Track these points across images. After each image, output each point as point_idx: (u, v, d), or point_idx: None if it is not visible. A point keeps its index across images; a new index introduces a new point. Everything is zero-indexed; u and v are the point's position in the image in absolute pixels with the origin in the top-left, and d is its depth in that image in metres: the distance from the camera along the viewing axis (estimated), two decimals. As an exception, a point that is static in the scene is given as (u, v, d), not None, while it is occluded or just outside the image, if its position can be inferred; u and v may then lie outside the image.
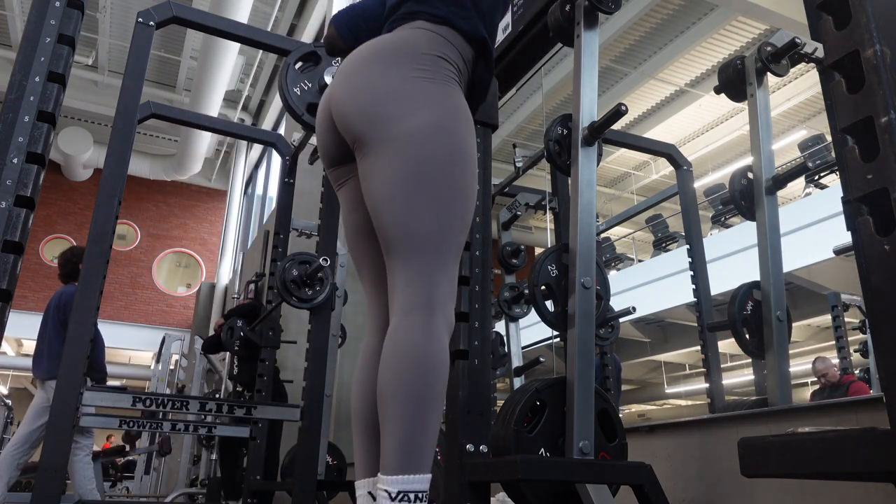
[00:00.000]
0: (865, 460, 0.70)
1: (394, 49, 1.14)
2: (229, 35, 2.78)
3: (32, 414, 3.89)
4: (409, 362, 1.01)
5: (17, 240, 1.32)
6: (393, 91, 1.09)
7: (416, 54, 1.13)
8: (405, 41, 1.15)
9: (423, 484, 0.98)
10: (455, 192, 1.09)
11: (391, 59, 1.12)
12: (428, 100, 1.10)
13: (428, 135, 1.08)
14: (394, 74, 1.10)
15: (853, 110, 0.79)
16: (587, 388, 1.64)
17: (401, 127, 1.07)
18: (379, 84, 1.10)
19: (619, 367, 4.62)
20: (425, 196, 1.07)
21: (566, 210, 3.01)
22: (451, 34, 1.18)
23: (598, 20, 1.91)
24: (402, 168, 1.06)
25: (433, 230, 1.06)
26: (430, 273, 1.06)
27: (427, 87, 1.11)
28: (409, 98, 1.09)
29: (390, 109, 1.08)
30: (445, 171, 1.08)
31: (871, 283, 0.75)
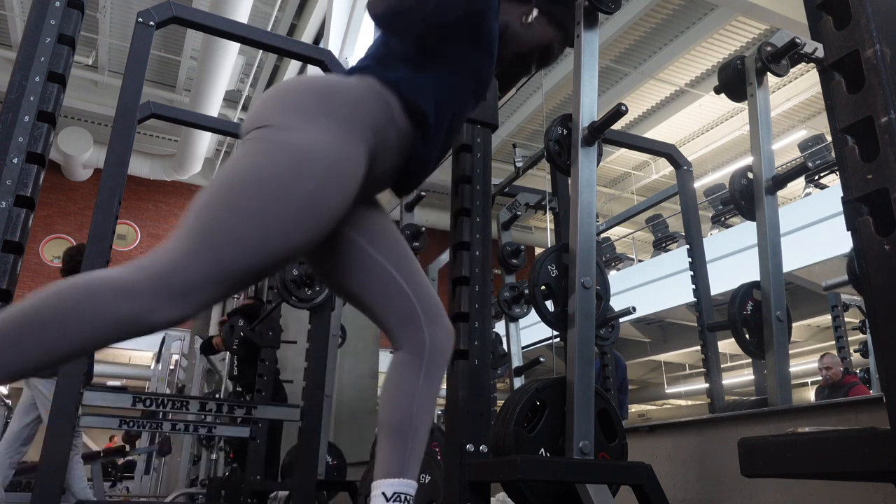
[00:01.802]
0: (865, 460, 0.70)
1: (330, 85, 1.09)
2: (229, 35, 2.78)
3: (20, 412, 3.91)
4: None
5: (17, 240, 1.32)
6: (296, 106, 1.04)
7: (344, 99, 1.07)
8: (345, 85, 1.10)
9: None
10: (264, 217, 0.95)
11: (321, 90, 1.07)
12: (323, 131, 1.02)
13: (292, 151, 0.99)
14: (310, 97, 1.05)
15: (853, 110, 0.79)
16: (587, 388, 1.64)
17: (278, 132, 1.01)
18: (284, 100, 1.06)
19: (624, 367, 4.62)
20: (235, 199, 0.95)
21: (566, 210, 3.01)
22: (395, 99, 1.12)
23: (598, 20, 1.91)
24: (237, 161, 1.01)
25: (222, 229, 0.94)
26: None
27: (330, 124, 1.03)
28: (295, 120, 1.02)
29: (273, 116, 1.03)
30: (266, 189, 0.96)
31: (871, 283, 0.75)
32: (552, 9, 1.34)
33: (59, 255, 4.53)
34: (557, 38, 1.37)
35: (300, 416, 2.78)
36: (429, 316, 1.18)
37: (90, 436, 10.61)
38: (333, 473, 3.77)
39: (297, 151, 0.99)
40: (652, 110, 10.67)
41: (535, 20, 1.32)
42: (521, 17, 1.32)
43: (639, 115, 10.69)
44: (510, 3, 1.31)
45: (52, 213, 12.50)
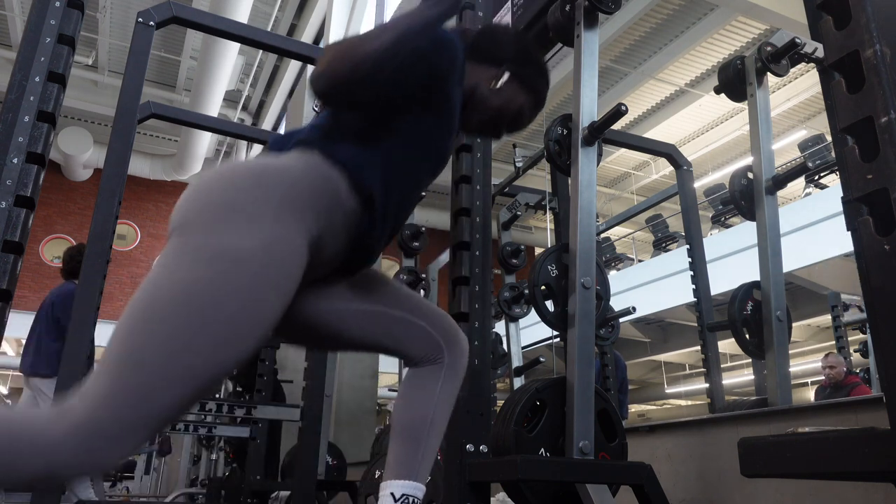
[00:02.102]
0: (865, 460, 0.70)
1: (258, 172, 0.98)
2: (229, 35, 2.78)
3: None
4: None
5: (17, 240, 1.32)
6: (221, 202, 0.93)
7: (277, 185, 0.96)
8: (277, 169, 0.99)
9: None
10: (189, 342, 0.85)
11: (248, 180, 0.96)
12: (250, 227, 0.91)
13: (215, 259, 0.88)
14: (237, 190, 0.94)
15: (853, 110, 0.79)
16: (587, 388, 1.64)
17: (200, 237, 0.90)
18: (208, 196, 0.94)
19: (624, 367, 4.62)
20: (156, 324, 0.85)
21: (566, 210, 3.01)
22: (339, 179, 1.02)
23: (598, 20, 1.91)
24: (157, 273, 0.89)
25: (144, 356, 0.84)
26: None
27: (260, 217, 0.92)
28: (223, 217, 0.91)
29: (198, 216, 0.92)
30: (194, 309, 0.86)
31: (871, 283, 0.75)
32: (523, 72, 1.23)
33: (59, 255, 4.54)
34: (529, 103, 1.26)
35: (300, 416, 2.78)
36: (445, 335, 1.19)
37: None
38: (333, 473, 3.77)
39: (222, 260, 0.88)
40: (652, 110, 10.66)
41: (506, 84, 1.22)
42: (491, 81, 1.22)
43: (639, 115, 10.68)
44: (478, 67, 1.22)
45: (52, 213, 12.50)
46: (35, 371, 3.88)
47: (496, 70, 1.22)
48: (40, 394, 3.83)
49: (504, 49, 1.24)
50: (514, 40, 1.26)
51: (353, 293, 1.15)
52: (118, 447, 0.80)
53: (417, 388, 1.17)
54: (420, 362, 1.18)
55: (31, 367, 3.90)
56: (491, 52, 1.23)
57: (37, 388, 3.87)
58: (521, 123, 1.29)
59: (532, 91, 1.25)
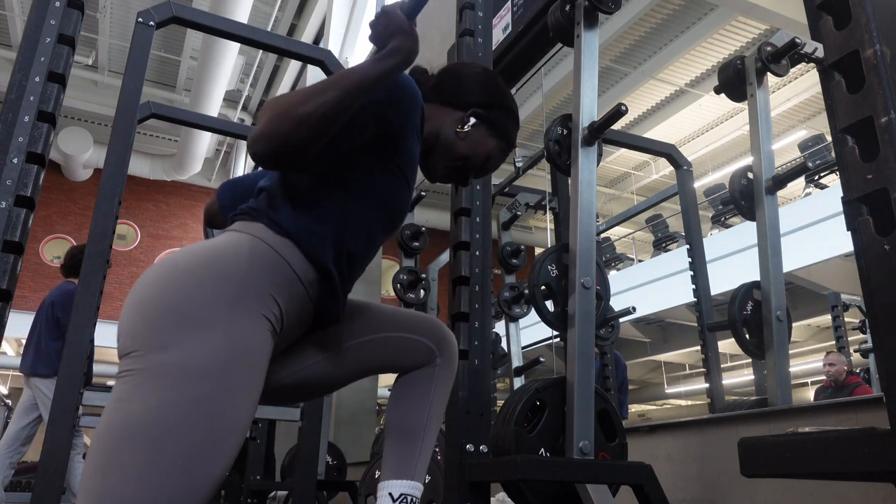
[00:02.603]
0: (865, 460, 0.70)
1: (205, 263, 0.92)
2: (229, 35, 2.78)
3: (20, 412, 3.91)
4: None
5: (17, 240, 1.32)
6: (170, 313, 0.87)
7: (225, 279, 0.91)
8: (223, 256, 0.93)
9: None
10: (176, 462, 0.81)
11: (194, 279, 0.90)
12: (206, 333, 0.86)
13: (179, 377, 0.83)
14: (183, 295, 0.88)
15: (853, 110, 0.79)
16: (587, 388, 1.64)
17: (157, 356, 0.84)
18: (153, 307, 0.88)
19: (624, 367, 4.62)
20: (134, 461, 0.80)
21: (566, 210, 3.01)
22: (290, 250, 0.97)
23: (598, 20, 1.91)
24: (121, 407, 0.83)
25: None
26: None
27: (213, 319, 0.87)
28: (185, 324, 0.86)
29: (146, 335, 0.86)
30: (178, 432, 0.82)
31: (871, 283, 0.75)
32: (491, 115, 1.16)
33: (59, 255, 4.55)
34: (497, 148, 1.18)
35: (300, 416, 2.78)
36: (433, 337, 1.19)
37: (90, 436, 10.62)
38: (333, 473, 3.77)
39: (185, 377, 0.83)
40: (652, 110, 10.67)
41: (472, 129, 1.14)
42: (456, 125, 1.14)
43: (639, 115, 10.69)
44: (442, 110, 1.15)
45: (52, 213, 12.49)
46: (35, 371, 3.88)
47: (461, 114, 1.15)
48: (40, 394, 3.83)
49: (469, 91, 1.16)
50: (481, 80, 1.19)
51: (328, 342, 1.12)
52: None
53: (411, 388, 1.17)
54: (416, 369, 1.19)
55: (30, 367, 3.90)
56: (456, 94, 1.16)
57: (36, 387, 3.88)
58: (490, 168, 1.23)
59: (501, 135, 1.18)
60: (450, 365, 1.20)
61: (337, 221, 1.01)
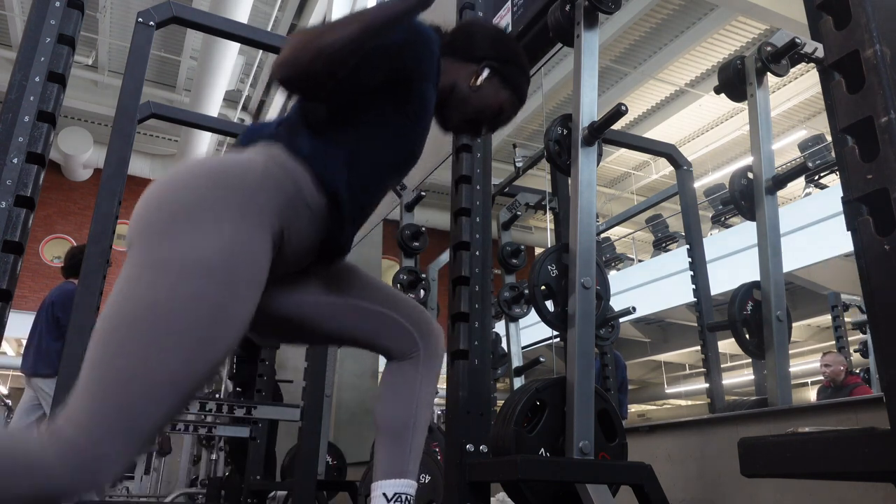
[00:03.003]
0: (865, 460, 0.70)
1: (218, 170, 0.96)
2: (229, 35, 2.78)
3: (21, 412, 3.91)
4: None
5: (17, 240, 1.32)
6: (179, 207, 0.91)
7: (236, 184, 0.94)
8: (238, 165, 0.97)
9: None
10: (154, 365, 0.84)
11: (207, 180, 0.94)
12: (208, 231, 0.89)
13: (179, 268, 0.87)
14: (194, 192, 0.92)
15: (853, 110, 0.79)
16: (587, 388, 1.64)
17: (159, 248, 0.88)
18: (163, 202, 0.92)
19: (624, 367, 4.62)
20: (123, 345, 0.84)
21: (566, 210, 3.01)
22: (303, 174, 1.00)
23: (598, 20, 1.91)
24: (121, 287, 0.88)
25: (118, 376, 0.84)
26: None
27: (218, 219, 0.90)
28: (182, 221, 0.89)
29: (157, 224, 0.90)
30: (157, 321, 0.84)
31: (871, 283, 0.75)
32: (504, 69, 1.20)
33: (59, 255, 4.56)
34: (510, 101, 1.23)
35: (300, 416, 2.78)
36: (418, 326, 1.19)
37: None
38: (333, 473, 3.77)
39: (185, 268, 0.87)
40: (652, 110, 10.66)
41: (486, 82, 1.19)
42: (471, 78, 1.18)
43: (639, 115, 10.68)
44: (457, 64, 1.18)
45: (52, 213, 12.49)
46: (36, 371, 3.88)
47: (475, 67, 1.19)
48: (42, 393, 3.83)
49: (482, 46, 1.21)
50: (493, 36, 1.24)
51: (327, 286, 1.15)
52: (111, 464, 0.80)
53: (397, 386, 1.18)
54: (397, 356, 1.19)
55: (31, 367, 3.90)
56: (469, 49, 1.20)
57: (38, 387, 3.88)
58: (502, 121, 1.27)
59: (513, 89, 1.23)
60: (432, 359, 1.19)
61: (351, 155, 1.05)
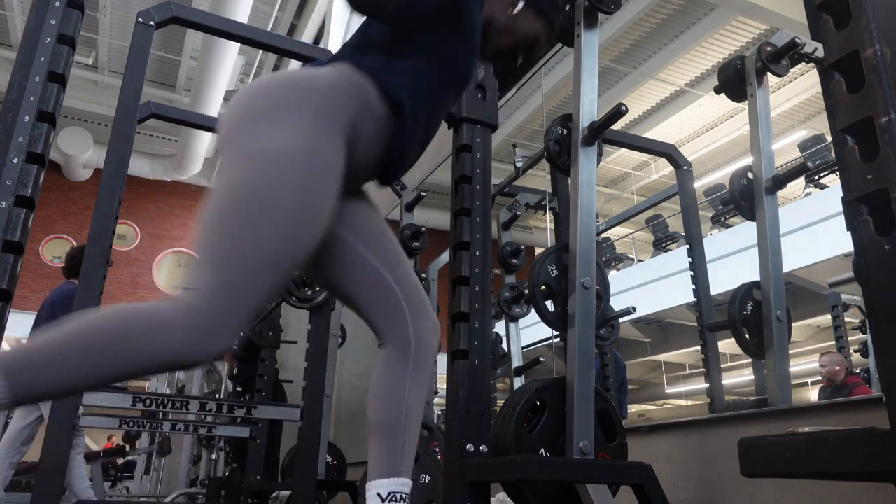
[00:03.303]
0: (865, 460, 0.70)
1: (295, 79, 1.08)
2: (229, 35, 2.77)
3: (21, 412, 3.91)
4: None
5: (17, 240, 1.32)
6: (257, 110, 1.03)
7: (310, 95, 1.05)
8: (311, 76, 1.09)
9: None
10: (243, 244, 0.95)
11: (285, 90, 1.06)
12: (291, 129, 1.01)
13: (256, 163, 0.99)
14: (275, 96, 1.04)
15: (853, 110, 0.79)
16: (587, 388, 1.64)
17: (239, 145, 1.01)
18: (251, 104, 1.04)
19: (623, 367, 4.62)
20: (224, 223, 0.97)
21: (566, 210, 3.01)
22: (370, 85, 1.11)
23: (598, 20, 1.91)
24: (220, 185, 1.00)
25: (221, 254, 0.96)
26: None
27: (295, 120, 1.01)
28: (264, 120, 1.01)
29: (242, 125, 1.02)
30: (243, 210, 0.97)
31: (871, 283, 0.75)
32: (538, 1, 1.28)
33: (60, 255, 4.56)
34: (544, 33, 1.31)
35: (300, 416, 2.78)
36: (413, 310, 1.19)
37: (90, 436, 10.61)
38: (333, 473, 3.77)
39: (272, 159, 0.98)
40: (652, 110, 10.66)
41: (522, 13, 1.26)
42: (507, 9, 1.26)
43: (639, 115, 10.68)
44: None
45: (52, 213, 12.49)
46: None
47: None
48: (40, 394, 3.83)
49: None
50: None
51: (363, 235, 1.20)
52: (227, 332, 0.93)
53: (387, 380, 1.17)
54: (384, 339, 1.18)
55: None
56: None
57: None
58: (537, 54, 1.33)
59: (548, 21, 1.30)
60: (423, 350, 1.18)
61: (412, 70, 1.15)
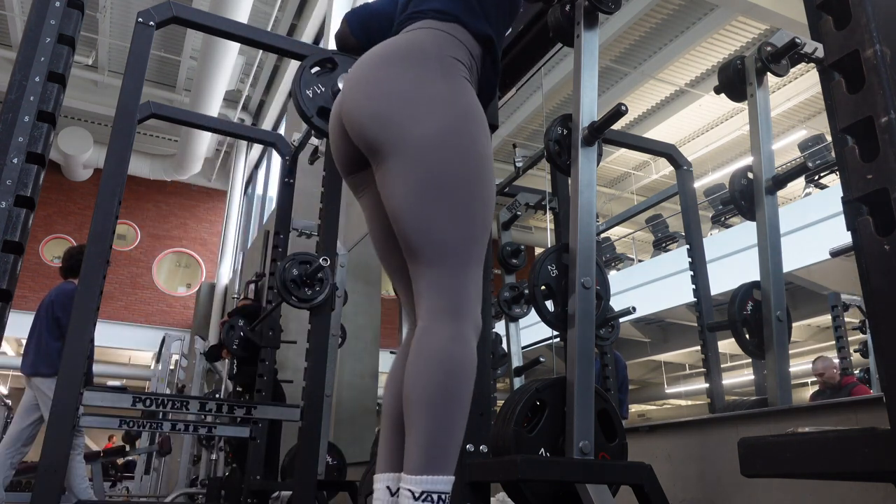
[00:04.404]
0: (865, 460, 0.70)
1: (404, 52, 1.14)
2: (229, 35, 2.77)
3: (22, 412, 3.91)
4: (435, 365, 1.03)
5: (18, 240, 1.31)
6: (404, 95, 1.08)
7: (427, 56, 1.13)
8: (413, 43, 1.15)
9: (446, 485, 0.99)
10: (473, 196, 1.09)
11: (402, 63, 1.12)
12: (440, 103, 1.09)
13: (442, 139, 1.07)
14: (404, 78, 1.10)
15: (853, 110, 0.79)
16: (587, 388, 1.64)
17: (414, 132, 1.06)
18: (390, 89, 1.09)
19: (624, 366, 4.62)
20: (444, 203, 1.06)
21: (566, 210, 3.01)
22: (460, 31, 1.19)
23: (598, 20, 1.91)
24: (418, 175, 1.06)
25: (454, 236, 1.07)
26: (455, 278, 1.06)
27: (439, 90, 1.10)
28: (421, 102, 1.08)
29: (403, 114, 1.07)
30: (462, 176, 1.08)
31: (871, 283, 0.75)
32: None
33: (60, 255, 4.56)
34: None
35: (300, 416, 2.78)
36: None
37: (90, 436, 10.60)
38: (333, 473, 3.77)
39: (466, 137, 1.10)
40: (652, 110, 10.66)
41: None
42: None
43: (639, 115, 10.68)
44: None
45: (53, 213, 12.49)
46: (36, 371, 3.88)
47: None
48: (40, 394, 3.82)
49: None
50: None
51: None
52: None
53: (391, 374, 1.17)
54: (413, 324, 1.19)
55: (31, 368, 3.90)
56: None
57: (37, 388, 3.87)
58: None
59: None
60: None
61: (484, 12, 1.24)
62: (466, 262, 1.07)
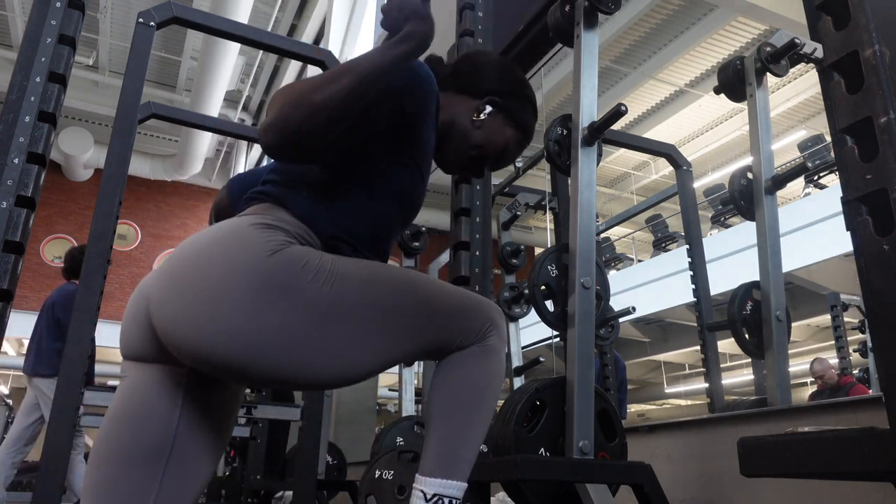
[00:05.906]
0: (865, 460, 0.70)
1: (228, 252, 0.88)
2: (229, 35, 2.77)
3: (23, 412, 3.92)
4: (463, 374, 1.00)
5: (18, 240, 1.32)
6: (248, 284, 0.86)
7: (259, 254, 0.88)
8: (240, 237, 0.90)
9: (458, 491, 0.96)
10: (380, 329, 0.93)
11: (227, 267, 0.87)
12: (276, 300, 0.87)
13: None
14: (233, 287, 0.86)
15: (852, 110, 0.79)
16: (587, 388, 1.64)
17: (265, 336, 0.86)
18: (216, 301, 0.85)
19: (623, 367, 4.62)
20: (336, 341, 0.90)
21: (566, 210, 3.01)
22: (305, 231, 0.95)
23: (598, 20, 1.91)
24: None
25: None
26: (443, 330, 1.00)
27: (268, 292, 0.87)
28: (263, 306, 0.86)
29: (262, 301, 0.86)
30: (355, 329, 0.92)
31: (871, 283, 0.75)
32: (508, 104, 1.12)
33: (60, 255, 4.57)
34: (515, 139, 1.14)
35: (300, 415, 2.78)
36: None
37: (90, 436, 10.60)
38: (333, 473, 3.77)
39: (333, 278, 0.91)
40: (652, 110, 10.67)
41: (489, 117, 1.10)
42: (472, 114, 1.10)
43: (639, 115, 10.69)
44: (458, 98, 1.11)
45: (53, 213, 12.49)
46: (36, 371, 3.88)
47: (478, 101, 1.11)
48: (42, 395, 3.83)
49: (486, 78, 1.12)
50: (498, 68, 1.15)
51: None
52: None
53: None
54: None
55: (32, 368, 3.91)
56: (472, 81, 1.12)
57: (38, 388, 3.88)
58: (506, 160, 1.17)
59: (518, 125, 1.14)
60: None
61: (353, 215, 0.99)
62: (420, 330, 0.96)
